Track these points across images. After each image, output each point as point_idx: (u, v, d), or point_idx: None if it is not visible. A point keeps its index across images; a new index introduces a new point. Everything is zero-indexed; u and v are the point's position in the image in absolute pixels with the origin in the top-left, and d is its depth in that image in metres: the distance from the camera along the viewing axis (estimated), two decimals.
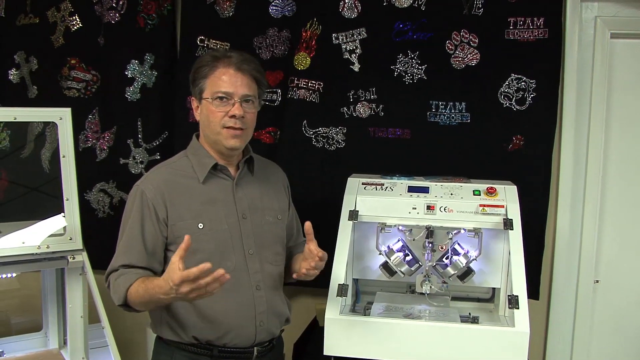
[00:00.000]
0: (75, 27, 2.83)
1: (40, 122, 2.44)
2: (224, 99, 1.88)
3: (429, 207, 2.24)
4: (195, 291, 1.61)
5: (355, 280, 2.35)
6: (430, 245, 2.20)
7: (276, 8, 2.76)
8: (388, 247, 2.25)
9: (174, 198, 1.88)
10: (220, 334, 1.87)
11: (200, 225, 1.88)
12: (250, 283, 1.91)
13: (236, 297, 1.89)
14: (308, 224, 1.88)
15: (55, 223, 2.28)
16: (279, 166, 2.20)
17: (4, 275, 2.36)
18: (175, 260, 1.62)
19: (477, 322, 2.14)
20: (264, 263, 1.97)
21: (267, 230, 2.00)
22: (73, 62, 2.85)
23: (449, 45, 2.63)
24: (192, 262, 1.81)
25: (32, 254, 2.22)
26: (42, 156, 2.51)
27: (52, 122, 2.30)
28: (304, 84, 2.71)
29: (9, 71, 2.90)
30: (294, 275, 1.98)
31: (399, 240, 2.26)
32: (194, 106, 1.96)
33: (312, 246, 1.89)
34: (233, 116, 1.87)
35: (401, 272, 2.21)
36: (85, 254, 2.27)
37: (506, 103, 2.61)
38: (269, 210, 2.03)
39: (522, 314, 1.97)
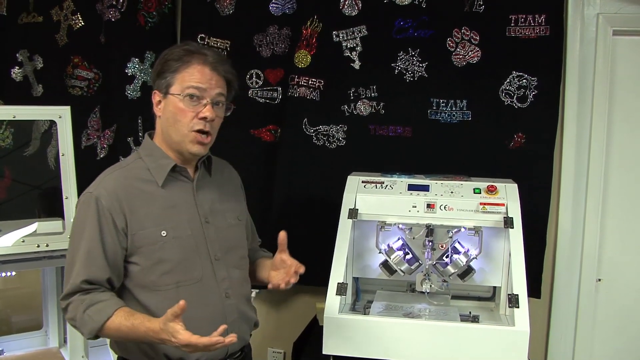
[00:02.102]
0: (78, 26, 2.83)
1: (47, 120, 2.44)
2: (195, 97, 1.73)
3: (429, 206, 2.23)
4: (199, 350, 1.57)
5: (356, 279, 2.35)
6: (430, 243, 2.20)
7: (276, 6, 2.75)
8: (388, 245, 2.24)
9: (132, 205, 1.72)
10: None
11: (164, 233, 1.73)
12: (220, 292, 1.80)
13: (206, 308, 1.77)
14: (283, 235, 1.84)
15: (54, 222, 2.29)
16: (231, 165, 2.07)
17: (4, 274, 2.37)
18: (169, 316, 1.54)
19: (477, 321, 2.13)
20: (230, 268, 1.86)
21: (230, 233, 1.90)
22: (76, 60, 2.85)
23: (450, 42, 2.61)
24: (156, 273, 1.73)
25: (32, 252, 2.22)
26: (48, 154, 2.51)
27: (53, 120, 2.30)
28: (304, 82, 2.70)
29: (11, 69, 2.90)
30: (270, 286, 1.89)
31: (399, 239, 2.25)
32: (155, 100, 1.78)
33: (284, 257, 1.86)
34: (203, 118, 1.74)
35: (401, 270, 2.20)
36: None
37: (507, 101, 2.59)
38: (230, 212, 1.92)
39: (522, 312, 1.96)
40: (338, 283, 2.09)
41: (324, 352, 2.03)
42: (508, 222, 2.14)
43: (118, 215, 1.70)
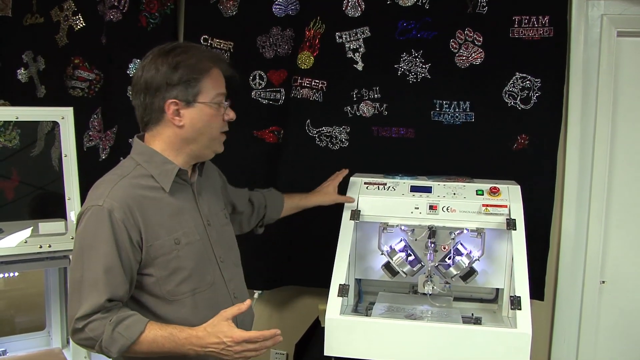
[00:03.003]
0: (78, 27, 2.83)
1: (50, 121, 2.44)
2: (222, 102, 1.76)
3: (431, 207, 2.22)
4: (248, 352, 1.58)
5: (358, 281, 2.35)
6: (432, 245, 2.20)
7: (279, 7, 2.75)
8: (390, 247, 2.24)
9: (144, 215, 1.66)
10: None
11: (177, 241, 1.70)
12: (229, 293, 1.81)
13: (219, 311, 1.68)
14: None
15: (57, 223, 2.29)
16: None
17: (7, 274, 2.37)
18: (227, 316, 1.58)
19: (479, 323, 2.12)
20: (233, 268, 1.87)
21: (226, 231, 1.91)
22: (77, 61, 2.85)
23: (453, 44, 2.61)
24: (173, 282, 1.70)
25: (35, 253, 2.23)
26: (51, 154, 2.52)
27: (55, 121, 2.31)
28: (307, 83, 2.70)
29: (17, 71, 2.90)
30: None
31: (401, 240, 2.25)
32: (172, 110, 1.70)
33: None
34: (229, 120, 1.80)
35: (403, 272, 2.20)
36: None
37: (511, 102, 2.58)
38: (221, 211, 1.93)
39: (524, 314, 1.95)
40: (340, 284, 2.09)
41: (325, 354, 2.02)
42: (510, 224, 2.14)
43: (132, 228, 1.64)
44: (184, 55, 1.73)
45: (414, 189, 2.29)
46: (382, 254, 2.23)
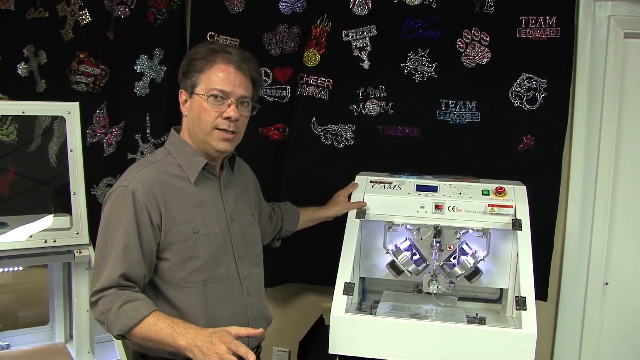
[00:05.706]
0: (84, 22, 2.82)
1: (48, 116, 2.44)
2: (219, 97, 1.76)
3: (437, 207, 2.23)
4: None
5: (363, 279, 2.34)
6: (437, 244, 2.19)
7: (286, 4, 2.75)
8: (395, 246, 2.24)
9: (166, 200, 1.73)
10: None
11: (195, 230, 1.76)
12: (242, 290, 1.84)
13: (230, 305, 1.81)
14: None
15: (62, 217, 2.29)
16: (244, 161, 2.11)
17: (11, 269, 2.37)
18: (233, 330, 1.55)
19: (484, 323, 2.13)
20: (251, 266, 1.90)
21: (250, 231, 1.93)
22: (82, 56, 2.84)
23: (459, 43, 2.60)
24: (186, 270, 1.74)
25: (39, 247, 2.23)
26: (49, 150, 2.51)
27: (60, 116, 2.30)
28: (313, 81, 2.69)
29: (18, 65, 2.89)
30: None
31: (406, 239, 2.25)
32: (182, 100, 1.83)
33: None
34: (227, 118, 1.76)
35: (408, 271, 2.20)
36: (91, 248, 2.28)
37: (517, 102, 2.58)
38: (249, 210, 1.97)
39: (529, 315, 1.95)
40: (345, 283, 2.09)
41: (330, 352, 2.02)
42: (516, 224, 2.14)
43: (154, 210, 1.71)
44: (198, 48, 1.81)
45: (420, 188, 2.29)
46: (387, 252, 2.23)
